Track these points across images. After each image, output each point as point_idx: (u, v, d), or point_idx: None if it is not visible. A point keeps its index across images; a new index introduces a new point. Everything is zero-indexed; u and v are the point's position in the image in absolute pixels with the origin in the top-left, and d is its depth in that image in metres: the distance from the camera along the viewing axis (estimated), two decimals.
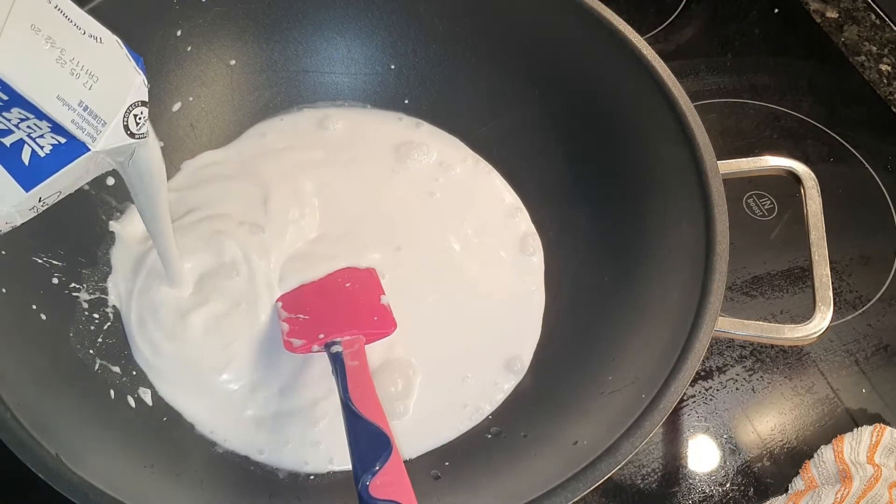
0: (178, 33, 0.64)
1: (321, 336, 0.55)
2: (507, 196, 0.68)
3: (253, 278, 0.60)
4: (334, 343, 0.54)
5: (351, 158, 0.68)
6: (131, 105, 0.39)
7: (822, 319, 0.51)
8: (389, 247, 0.64)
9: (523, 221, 0.67)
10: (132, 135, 0.39)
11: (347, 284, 0.60)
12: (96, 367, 0.54)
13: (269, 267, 0.61)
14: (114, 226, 0.61)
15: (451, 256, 0.64)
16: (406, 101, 0.71)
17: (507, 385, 0.59)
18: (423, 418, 0.57)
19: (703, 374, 0.67)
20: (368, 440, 0.45)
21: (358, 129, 0.70)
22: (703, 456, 0.63)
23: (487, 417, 0.58)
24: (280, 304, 0.59)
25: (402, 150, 0.69)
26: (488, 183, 0.69)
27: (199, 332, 0.57)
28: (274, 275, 0.61)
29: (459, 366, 0.59)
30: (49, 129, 0.36)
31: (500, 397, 0.58)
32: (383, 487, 0.42)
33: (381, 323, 0.57)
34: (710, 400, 0.66)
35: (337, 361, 0.52)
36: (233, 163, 0.67)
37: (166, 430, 0.54)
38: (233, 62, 0.68)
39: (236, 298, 0.59)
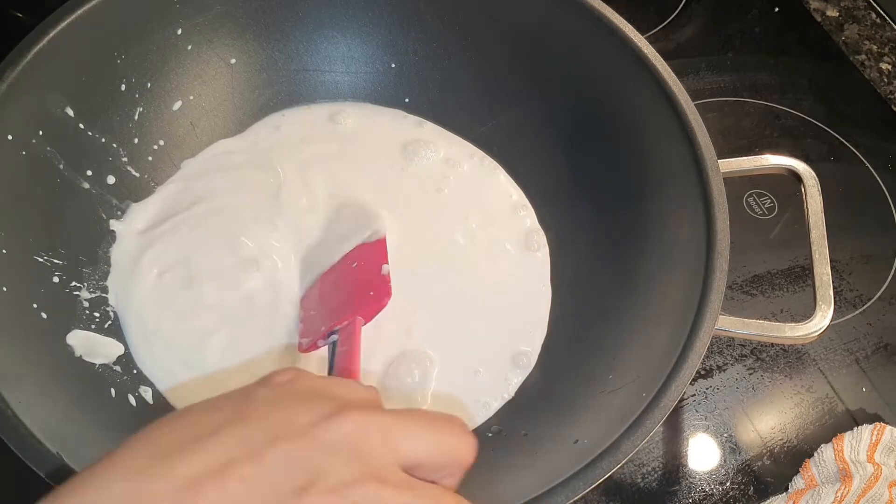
0: (179, 32, 0.64)
1: (323, 329, 0.55)
2: (513, 193, 0.68)
3: (274, 285, 0.60)
4: (333, 332, 0.54)
5: (361, 154, 0.68)
6: None
7: (823, 318, 0.51)
8: (397, 239, 0.63)
9: (528, 217, 0.67)
10: None
11: (355, 265, 0.59)
12: (97, 366, 0.54)
13: (289, 270, 0.61)
14: (115, 224, 0.61)
15: (458, 250, 0.64)
16: (406, 100, 0.71)
17: (515, 380, 0.59)
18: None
19: (703, 372, 0.67)
20: None
21: (366, 125, 0.70)
22: (703, 454, 0.63)
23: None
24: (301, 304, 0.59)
25: (410, 147, 0.69)
26: (494, 179, 0.69)
27: (220, 359, 0.56)
28: (294, 274, 0.61)
29: (471, 359, 0.59)
30: None
31: (506, 395, 0.58)
32: None
33: (377, 296, 0.55)
34: (711, 399, 0.66)
35: (330, 349, 0.52)
36: (246, 152, 0.67)
37: None
38: (233, 61, 0.68)
39: (256, 313, 0.59)
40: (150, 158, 0.64)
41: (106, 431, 0.49)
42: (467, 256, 0.64)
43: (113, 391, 0.53)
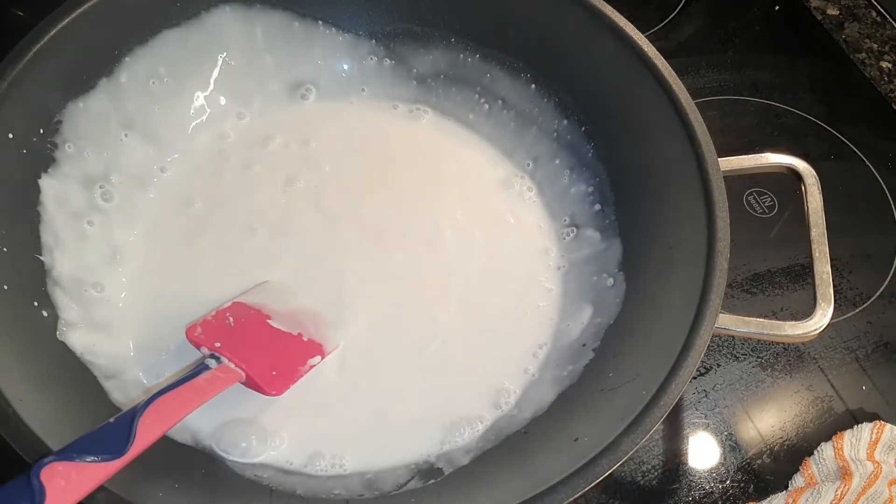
0: (180, 30, 0.63)
1: (217, 344, 0.52)
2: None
3: None
4: (216, 357, 0.52)
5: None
6: None
7: (823, 316, 0.51)
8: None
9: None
10: None
11: (298, 333, 0.57)
12: (97, 365, 0.54)
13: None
14: None
15: (457, 243, 0.65)
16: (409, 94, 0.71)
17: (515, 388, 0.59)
18: None
19: (703, 371, 0.67)
20: (105, 436, 0.43)
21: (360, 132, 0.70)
22: (703, 453, 0.63)
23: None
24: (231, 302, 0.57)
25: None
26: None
27: None
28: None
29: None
30: None
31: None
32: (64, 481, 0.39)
33: (270, 381, 0.53)
34: (711, 397, 0.66)
35: (195, 370, 0.50)
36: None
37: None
38: (233, 63, 0.68)
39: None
40: None
41: None
42: (468, 254, 0.64)
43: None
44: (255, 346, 0.54)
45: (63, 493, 0.39)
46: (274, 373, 0.54)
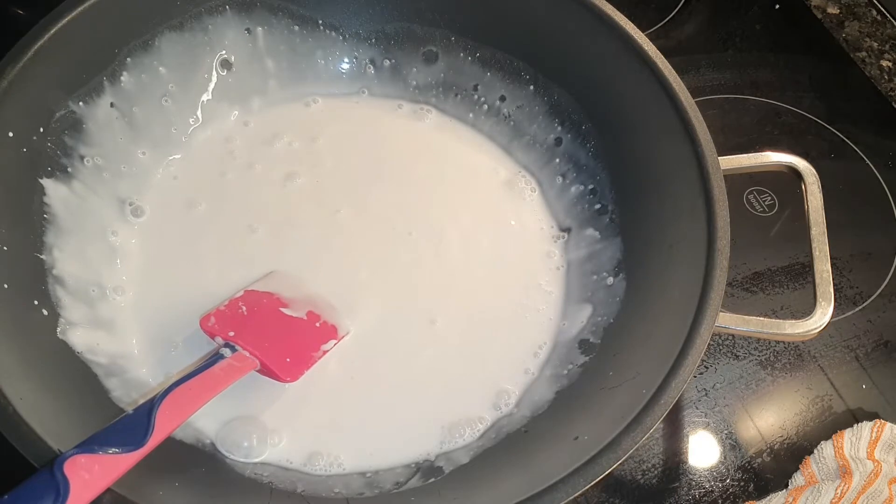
0: (181, 28, 0.63)
1: (231, 333, 0.53)
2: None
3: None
4: (230, 346, 0.53)
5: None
6: None
7: (823, 315, 0.51)
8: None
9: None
10: None
11: (306, 317, 0.57)
12: (97, 363, 0.54)
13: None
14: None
15: (460, 245, 0.65)
16: (413, 89, 0.71)
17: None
18: None
19: (703, 369, 0.67)
20: (124, 427, 0.44)
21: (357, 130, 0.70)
22: (703, 452, 0.63)
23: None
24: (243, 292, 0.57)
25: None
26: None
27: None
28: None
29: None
30: None
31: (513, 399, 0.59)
32: (87, 473, 0.40)
33: (285, 367, 0.54)
34: (711, 396, 0.66)
35: (210, 360, 0.51)
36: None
37: None
38: (233, 58, 0.68)
39: None
40: None
41: None
42: (468, 248, 0.64)
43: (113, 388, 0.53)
44: (269, 333, 0.55)
45: (86, 485, 0.40)
46: (288, 359, 0.54)
